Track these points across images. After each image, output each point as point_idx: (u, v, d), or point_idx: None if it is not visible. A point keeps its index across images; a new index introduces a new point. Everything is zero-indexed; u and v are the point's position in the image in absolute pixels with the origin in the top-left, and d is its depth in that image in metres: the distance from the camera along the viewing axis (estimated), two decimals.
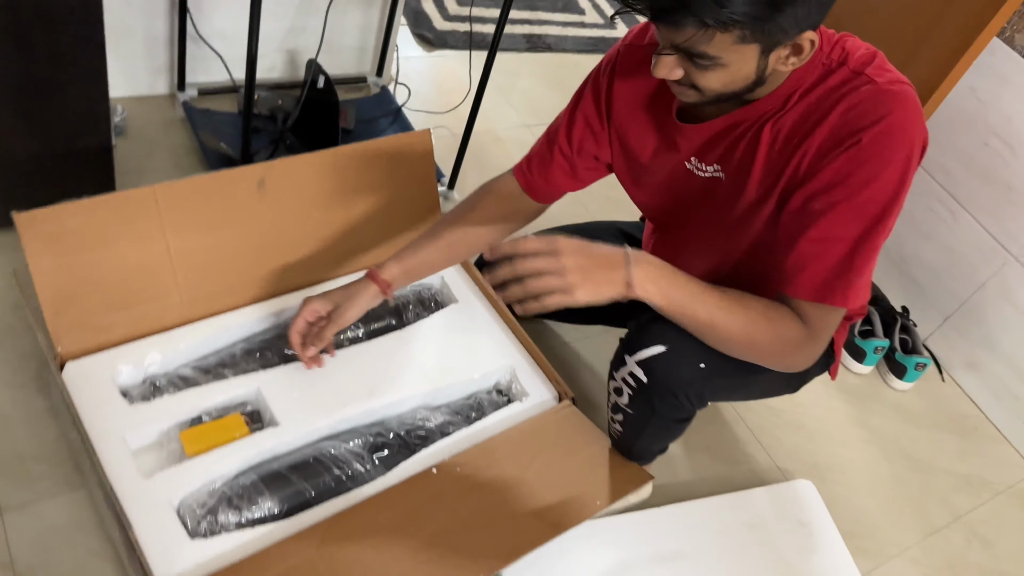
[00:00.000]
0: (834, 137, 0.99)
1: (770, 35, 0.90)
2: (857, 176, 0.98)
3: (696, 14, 0.86)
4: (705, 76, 0.95)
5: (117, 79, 1.78)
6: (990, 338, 1.86)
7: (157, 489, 1.10)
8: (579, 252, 0.97)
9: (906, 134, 0.97)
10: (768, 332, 1.05)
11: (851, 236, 1.00)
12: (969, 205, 1.85)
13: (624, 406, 1.22)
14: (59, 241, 1.16)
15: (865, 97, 0.98)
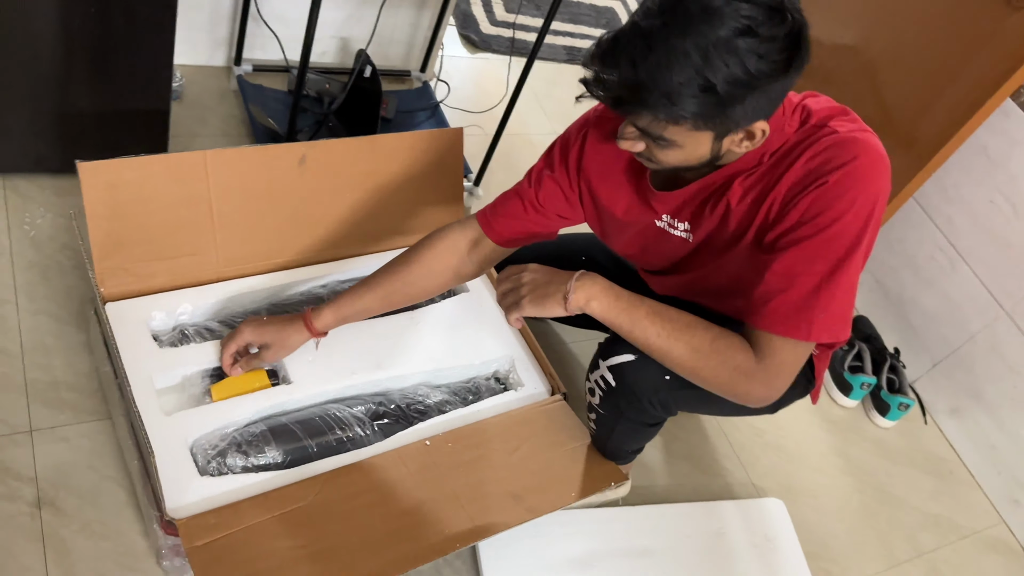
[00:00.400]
0: (801, 182, 1.04)
1: (722, 125, 0.97)
2: (824, 215, 1.02)
3: (649, 108, 0.93)
4: (664, 153, 1.02)
5: (180, 47, 1.88)
6: (975, 387, 1.93)
7: (175, 427, 1.21)
8: (535, 272, 1.13)
9: (871, 177, 1.03)
10: (712, 360, 1.08)
11: (817, 271, 1.04)
12: (969, 257, 1.92)
13: (596, 406, 1.32)
14: (115, 191, 1.27)
15: (830, 144, 1.04)
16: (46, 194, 1.56)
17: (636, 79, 0.91)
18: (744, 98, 0.93)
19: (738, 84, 0.91)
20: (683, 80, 0.90)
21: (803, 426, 1.88)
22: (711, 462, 1.71)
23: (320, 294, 1.47)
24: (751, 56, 0.90)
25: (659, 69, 0.90)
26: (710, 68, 0.89)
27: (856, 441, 1.90)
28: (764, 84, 0.93)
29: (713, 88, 0.91)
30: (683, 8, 0.90)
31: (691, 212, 1.17)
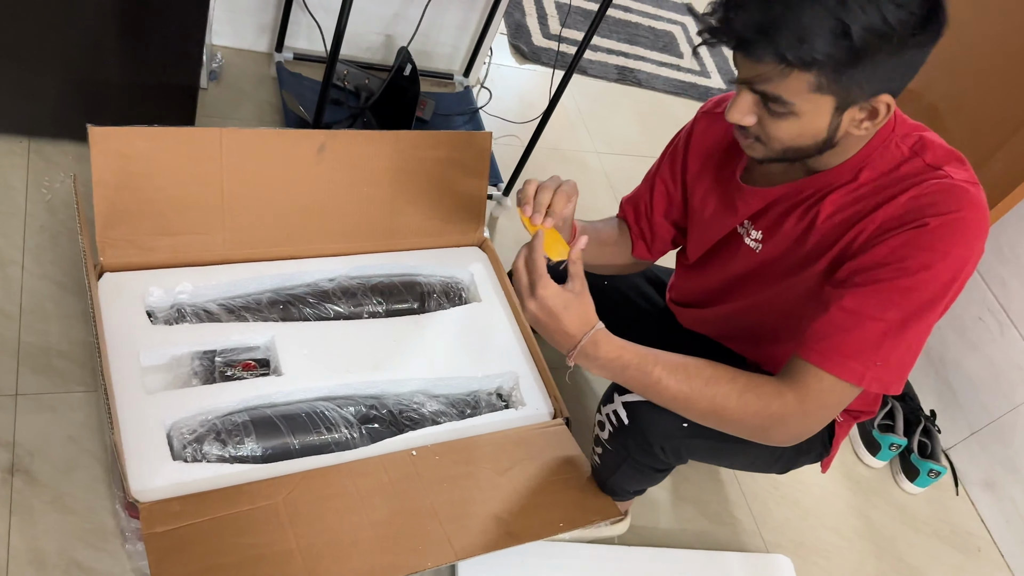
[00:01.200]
0: (898, 218, 0.96)
1: (846, 89, 0.89)
2: (913, 259, 0.95)
3: (778, 48, 0.86)
4: (776, 125, 0.94)
5: (224, 28, 1.89)
6: (1014, 461, 1.79)
7: (154, 407, 1.16)
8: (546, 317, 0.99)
9: (972, 236, 0.95)
10: (739, 414, 1.01)
11: (888, 319, 0.96)
12: (1019, 322, 1.79)
13: (604, 440, 1.24)
14: (125, 160, 1.24)
15: (940, 188, 0.96)
16: (68, 159, 1.55)
17: (765, 17, 0.85)
18: (877, 53, 0.86)
19: (874, 33, 0.85)
20: (816, 20, 0.84)
21: (823, 481, 1.77)
22: (720, 509, 1.61)
23: (327, 288, 1.42)
24: (889, 5, 0.84)
25: (791, 7, 0.84)
26: (845, 11, 0.83)
27: (879, 504, 1.78)
28: (900, 40, 0.86)
29: (848, 33, 0.84)
30: None
31: (771, 219, 1.10)
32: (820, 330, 0.99)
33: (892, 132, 1.01)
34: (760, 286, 1.17)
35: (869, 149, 1.01)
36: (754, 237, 1.15)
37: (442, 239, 1.55)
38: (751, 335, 1.26)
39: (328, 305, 1.40)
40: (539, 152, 1.85)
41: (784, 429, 1.01)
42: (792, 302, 1.12)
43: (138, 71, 1.49)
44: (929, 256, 0.94)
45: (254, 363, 1.30)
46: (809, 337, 1.00)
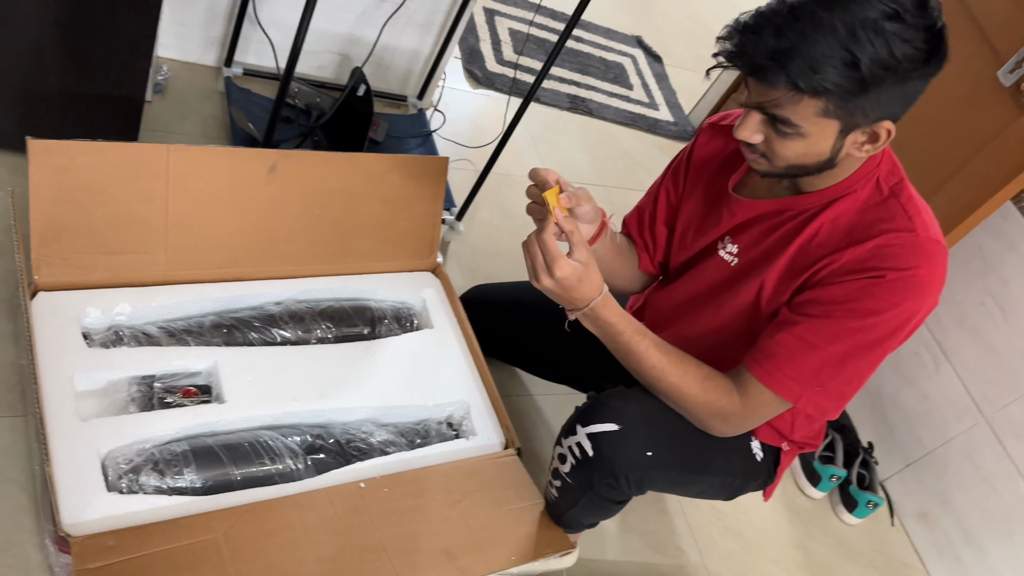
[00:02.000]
0: (861, 262, 1.03)
1: (851, 115, 0.94)
2: (864, 304, 1.02)
3: (790, 75, 0.90)
4: (783, 144, 0.99)
5: (170, 40, 1.84)
6: (946, 494, 1.85)
7: (88, 434, 1.11)
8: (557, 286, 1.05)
9: (924, 292, 1.02)
10: (699, 398, 1.12)
11: (833, 350, 1.04)
12: (953, 358, 1.85)
13: (564, 474, 1.22)
14: (65, 174, 1.19)
15: (905, 242, 1.02)
16: (1, 171, 1.48)
17: (780, 45, 0.90)
18: (882, 83, 0.91)
19: (881, 65, 0.90)
20: (828, 51, 0.89)
21: (765, 513, 1.79)
22: (666, 540, 1.61)
23: (273, 312, 1.38)
24: (896, 39, 0.89)
25: (804, 37, 0.89)
26: (856, 43, 0.88)
27: (818, 535, 1.81)
28: (904, 72, 0.91)
29: (857, 64, 0.89)
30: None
31: (751, 235, 1.15)
32: (770, 349, 1.08)
33: (878, 167, 1.06)
34: (727, 298, 1.19)
35: (856, 177, 1.06)
36: (730, 251, 1.19)
37: (394, 263, 1.53)
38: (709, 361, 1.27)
39: (274, 330, 1.36)
40: (491, 177, 1.84)
41: (723, 424, 1.14)
42: (755, 320, 1.15)
43: (81, 82, 1.43)
44: (880, 304, 1.02)
45: (195, 389, 1.25)
46: (759, 353, 1.09)
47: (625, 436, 1.13)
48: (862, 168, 1.06)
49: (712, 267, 1.21)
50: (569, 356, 1.43)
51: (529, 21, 2.69)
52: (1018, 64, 1.66)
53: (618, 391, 1.19)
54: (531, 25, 2.68)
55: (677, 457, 1.17)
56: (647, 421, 1.15)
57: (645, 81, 2.88)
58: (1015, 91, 1.67)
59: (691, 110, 2.85)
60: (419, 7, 1.93)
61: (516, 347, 1.54)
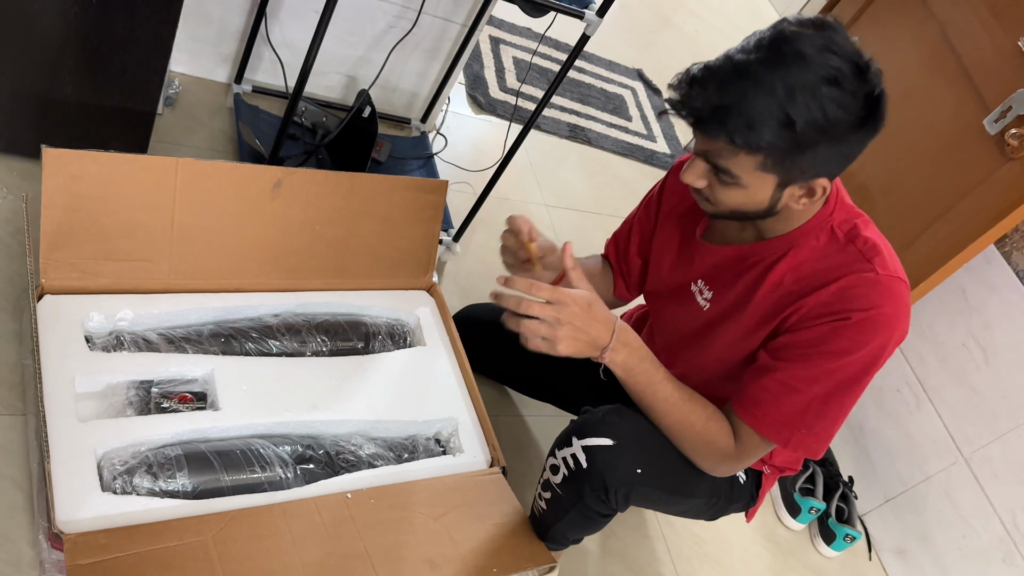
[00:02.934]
0: (826, 306, 1.07)
1: (788, 171, 1.00)
2: (835, 345, 1.07)
3: (728, 131, 0.96)
4: (724, 191, 1.05)
5: (183, 55, 1.89)
6: (924, 530, 1.88)
7: (86, 435, 1.14)
8: (578, 314, 1.05)
9: (890, 328, 1.07)
10: (700, 437, 1.16)
11: (814, 392, 1.09)
12: (934, 397, 1.89)
13: (556, 484, 1.26)
14: (77, 182, 1.23)
15: (865, 283, 1.06)
16: (13, 176, 1.52)
17: (721, 100, 0.95)
18: (817, 144, 0.96)
19: (815, 128, 0.95)
20: (765, 110, 0.94)
21: (745, 542, 1.81)
22: (645, 565, 1.64)
23: (271, 323, 1.41)
24: (832, 104, 0.94)
25: (744, 95, 0.94)
26: (793, 105, 0.93)
27: (796, 567, 1.84)
28: (839, 135, 0.96)
29: (792, 125, 0.94)
30: (777, 48, 0.94)
31: (722, 279, 1.20)
32: (756, 395, 1.13)
33: (831, 216, 1.11)
34: (704, 343, 1.24)
35: (811, 225, 1.11)
36: (705, 296, 1.23)
37: (391, 281, 1.57)
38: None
39: (271, 341, 1.39)
40: (490, 201, 1.88)
41: (716, 464, 1.19)
42: (732, 363, 1.20)
43: (95, 93, 1.48)
44: (850, 344, 1.06)
45: (191, 396, 1.28)
46: (746, 399, 1.14)
47: (618, 452, 1.18)
48: (816, 217, 1.11)
49: (690, 312, 1.26)
50: (558, 376, 1.47)
51: (532, 51, 2.76)
52: (1003, 114, 1.72)
53: (615, 408, 1.24)
54: (534, 55, 2.74)
55: (665, 477, 1.22)
56: (640, 440, 1.20)
57: (644, 113, 2.94)
58: (999, 140, 1.72)
59: (688, 143, 2.91)
60: (427, 33, 1.99)
61: (506, 366, 1.58)
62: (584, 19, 1.50)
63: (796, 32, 0.95)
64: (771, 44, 0.95)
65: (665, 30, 3.65)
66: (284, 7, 1.84)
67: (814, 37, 0.95)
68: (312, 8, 1.85)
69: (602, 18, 1.50)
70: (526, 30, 2.88)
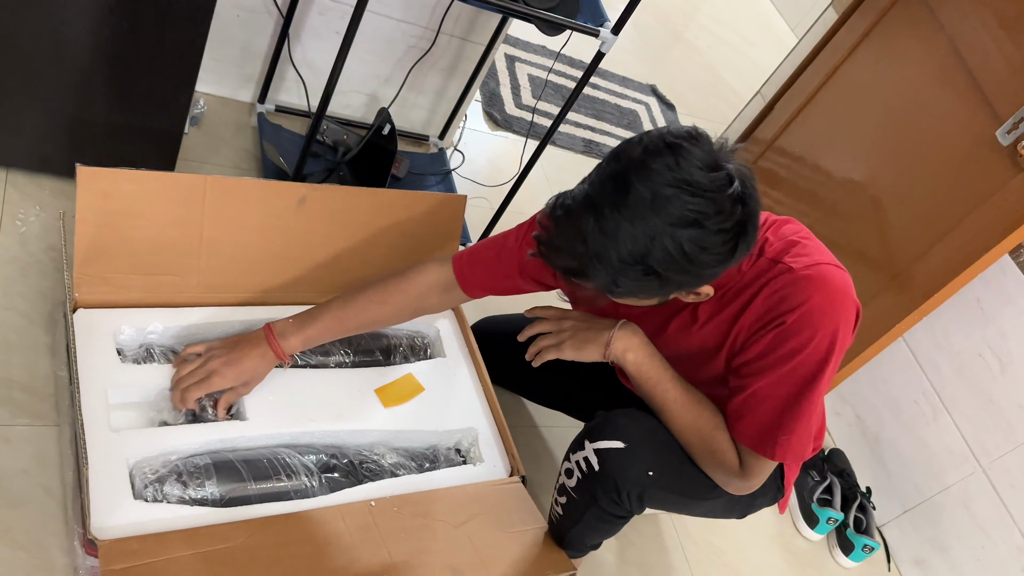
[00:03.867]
0: (760, 319, 1.11)
1: (663, 293, 1.04)
2: (784, 348, 1.09)
3: (595, 283, 1.00)
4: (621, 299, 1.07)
5: (208, 76, 1.94)
6: (942, 541, 1.88)
7: (119, 445, 1.17)
8: (578, 318, 1.18)
9: (829, 313, 1.08)
10: (706, 446, 1.19)
11: (782, 395, 1.12)
12: (952, 408, 1.90)
13: (570, 488, 1.28)
14: (109, 199, 1.27)
15: (784, 284, 1.09)
16: (44, 194, 1.57)
17: (585, 253, 0.96)
18: (683, 278, 0.99)
19: (679, 270, 0.97)
20: (626, 263, 0.95)
21: (763, 552, 1.82)
22: (663, 574, 1.65)
23: None
24: (694, 247, 0.94)
25: (605, 250, 0.95)
26: (653, 256, 0.94)
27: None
28: (704, 271, 0.99)
29: (654, 272, 0.96)
30: (635, 191, 0.93)
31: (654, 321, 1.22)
32: (734, 412, 1.17)
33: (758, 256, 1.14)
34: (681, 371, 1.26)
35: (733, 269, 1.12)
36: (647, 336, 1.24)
37: None
38: None
39: (295, 354, 1.42)
40: (507, 215, 1.92)
41: (725, 479, 1.21)
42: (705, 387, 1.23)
43: (124, 113, 1.53)
44: (796, 344, 1.08)
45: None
46: (730, 416, 1.18)
47: (630, 454, 1.20)
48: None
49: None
50: (574, 387, 1.49)
51: (548, 68, 2.80)
52: (1015, 125, 1.73)
53: (627, 411, 1.26)
54: (549, 72, 2.78)
55: (678, 480, 1.24)
56: (652, 442, 1.22)
57: (658, 126, 2.97)
58: (1012, 151, 1.74)
59: None
60: (444, 53, 2.03)
61: (523, 376, 1.60)
62: (599, 37, 1.54)
63: (647, 166, 0.93)
64: (624, 185, 0.93)
65: (677, 45, 3.68)
66: (306, 29, 1.89)
67: (667, 173, 0.92)
68: (334, 30, 1.90)
69: (617, 35, 1.53)
70: (541, 48, 2.92)
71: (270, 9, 1.83)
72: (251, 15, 1.84)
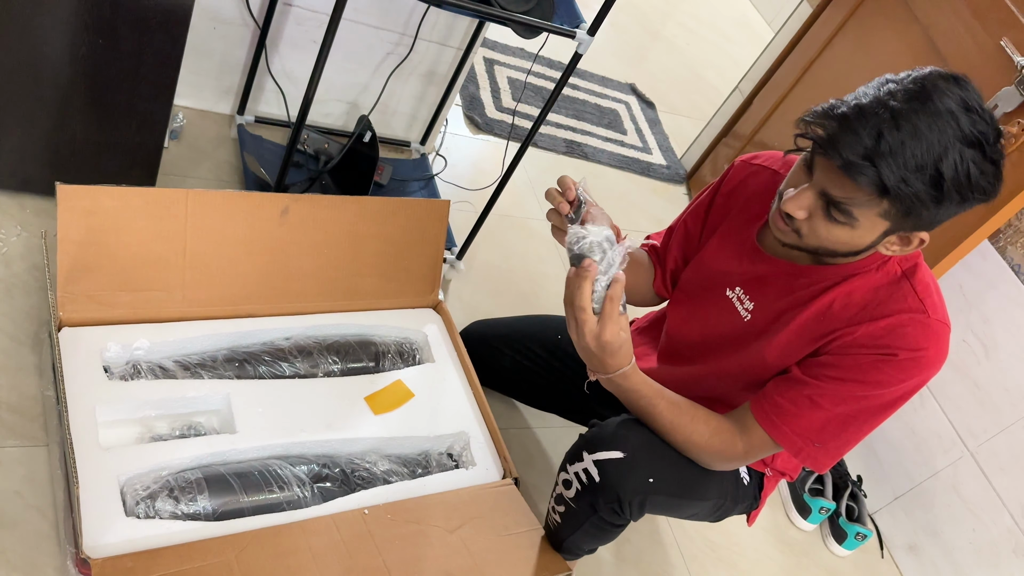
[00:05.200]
0: (875, 339, 1.09)
1: (905, 221, 1.00)
2: (875, 376, 1.09)
3: (882, 178, 0.94)
4: (827, 228, 1.03)
5: (187, 89, 1.94)
6: (934, 525, 1.89)
7: (109, 462, 1.17)
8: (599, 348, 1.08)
9: (930, 370, 1.10)
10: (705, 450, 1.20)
11: (837, 412, 1.12)
12: (938, 394, 1.92)
13: (569, 499, 1.28)
14: (91, 217, 1.27)
15: (916, 323, 1.08)
16: (26, 213, 1.56)
17: (877, 148, 0.93)
18: (950, 203, 0.96)
19: (957, 187, 0.95)
20: (921, 164, 0.93)
21: (757, 544, 1.83)
22: (659, 571, 1.66)
23: (283, 346, 1.45)
24: (975, 168, 0.94)
25: (903, 146, 0.93)
26: (945, 162, 0.93)
27: (809, 567, 1.85)
28: (970, 197, 0.96)
29: (940, 182, 0.94)
30: (932, 103, 0.94)
31: (766, 294, 1.20)
32: (779, 404, 1.16)
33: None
34: (737, 351, 1.25)
35: (872, 259, 1.11)
36: (746, 306, 1.24)
37: (398, 300, 1.60)
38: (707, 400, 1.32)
39: (284, 364, 1.43)
40: (491, 218, 1.92)
41: (725, 464, 1.23)
42: (761, 375, 1.22)
43: (103, 130, 1.52)
44: (889, 379, 1.09)
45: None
46: (767, 404, 1.16)
47: (630, 463, 1.20)
48: (878, 253, 1.10)
49: (726, 318, 1.26)
50: (564, 387, 1.50)
51: (527, 70, 2.81)
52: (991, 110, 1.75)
53: (624, 420, 1.25)
54: (528, 74, 2.79)
55: (676, 483, 1.24)
56: (650, 449, 1.22)
57: (639, 126, 2.98)
58: None
59: (683, 154, 2.95)
60: (423, 58, 2.04)
61: (513, 379, 1.61)
62: (576, 38, 1.54)
63: (939, 86, 0.95)
64: (921, 96, 0.94)
65: (655, 44, 3.70)
66: (284, 39, 1.89)
67: (956, 94, 0.95)
68: (311, 39, 1.90)
69: (593, 36, 1.54)
70: (519, 50, 2.93)
71: (247, 20, 1.83)
72: (228, 27, 1.84)
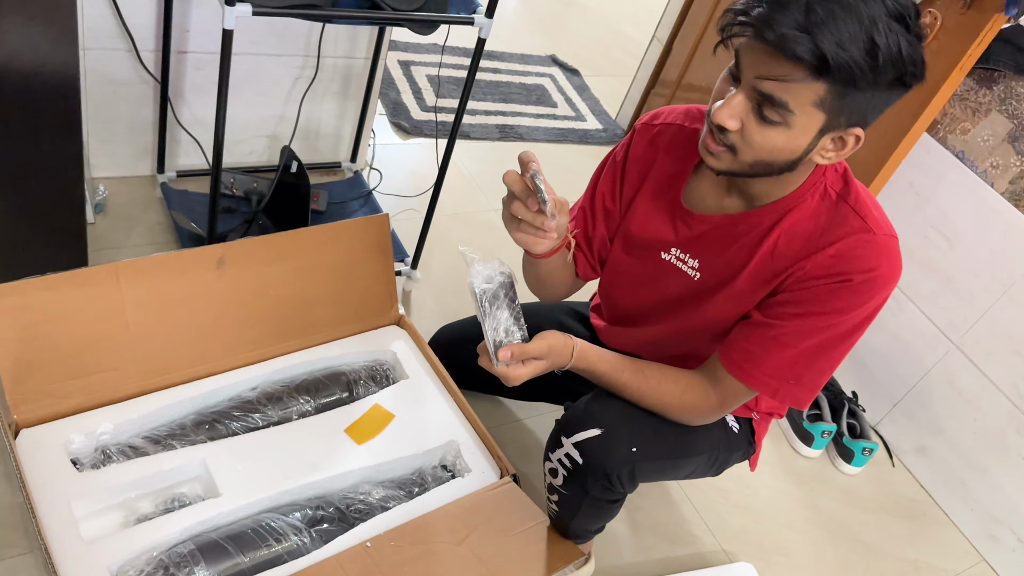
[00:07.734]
0: (825, 269, 1.08)
1: (839, 111, 0.96)
2: (834, 304, 1.08)
3: (819, 47, 0.90)
4: (762, 133, 0.99)
5: (102, 160, 1.88)
6: (937, 423, 1.90)
7: (97, 555, 1.13)
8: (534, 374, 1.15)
9: (887, 286, 1.09)
10: (679, 409, 1.21)
11: (804, 347, 1.11)
12: (913, 295, 1.92)
13: (559, 487, 1.27)
14: (24, 313, 1.22)
15: (864, 243, 1.07)
16: None
17: (810, 19, 0.91)
18: (882, 81, 0.94)
19: (891, 61, 0.92)
20: (854, 33, 0.91)
21: (769, 481, 1.83)
22: (678, 530, 1.65)
23: (250, 397, 1.41)
24: (904, 41, 0.93)
25: (834, 16, 0.91)
26: (878, 32, 0.91)
27: (824, 491, 1.85)
28: (901, 75, 0.94)
29: (875, 52, 0.91)
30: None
31: (709, 249, 1.19)
32: (746, 350, 1.15)
33: (824, 175, 1.10)
34: (694, 309, 1.24)
35: (805, 188, 1.10)
36: (691, 265, 1.22)
37: (358, 325, 1.57)
38: (678, 357, 1.31)
39: (255, 415, 1.39)
40: (440, 219, 1.89)
41: (701, 418, 1.23)
42: (724, 326, 1.21)
43: (20, 219, 1.47)
44: (848, 304, 1.08)
45: None
46: (735, 353, 1.15)
47: (609, 438, 1.19)
48: (809, 179, 1.10)
49: (675, 280, 1.24)
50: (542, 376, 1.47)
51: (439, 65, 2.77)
52: None
53: (594, 395, 1.25)
54: (440, 67, 2.75)
55: (662, 446, 1.23)
56: (626, 419, 1.21)
57: (568, 96, 2.96)
58: None
59: (617, 113, 2.93)
60: (332, 76, 1.99)
61: (490, 376, 1.58)
62: (475, 24, 1.51)
63: None
64: None
65: (569, 10, 3.67)
66: (187, 87, 1.84)
67: None
68: (214, 81, 1.85)
69: (491, 18, 1.51)
70: (432, 46, 2.89)
71: (144, 77, 1.78)
72: (127, 87, 1.79)
